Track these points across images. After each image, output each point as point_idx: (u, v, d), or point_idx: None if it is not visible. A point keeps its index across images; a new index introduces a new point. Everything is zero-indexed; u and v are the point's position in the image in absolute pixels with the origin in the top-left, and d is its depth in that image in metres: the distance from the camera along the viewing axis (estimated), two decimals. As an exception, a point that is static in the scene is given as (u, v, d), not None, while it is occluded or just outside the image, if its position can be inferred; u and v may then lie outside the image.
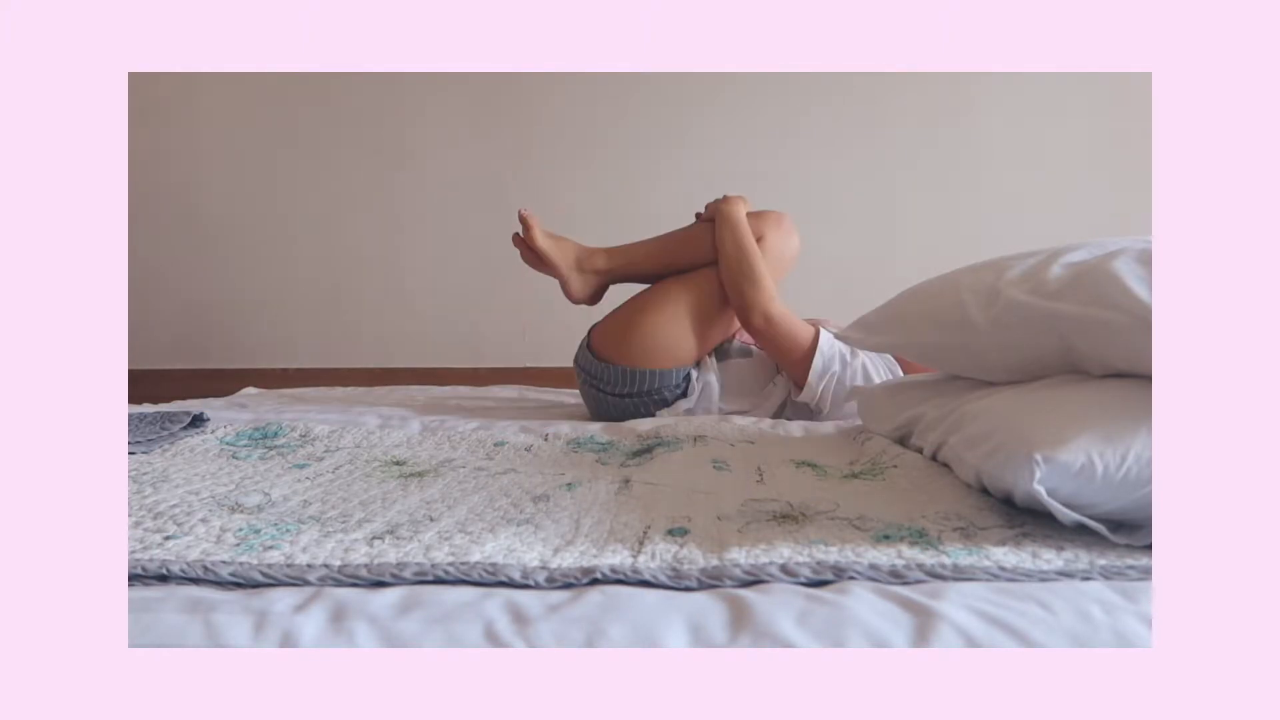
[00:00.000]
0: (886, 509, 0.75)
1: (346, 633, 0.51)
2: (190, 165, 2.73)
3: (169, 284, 2.73)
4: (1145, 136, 2.50)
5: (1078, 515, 0.65)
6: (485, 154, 2.67)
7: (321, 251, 2.72)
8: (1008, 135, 2.59)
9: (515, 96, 2.64)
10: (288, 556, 0.62)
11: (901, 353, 1.05)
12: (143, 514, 0.73)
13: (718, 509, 0.76)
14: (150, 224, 2.70)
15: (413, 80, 2.64)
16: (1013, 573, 0.58)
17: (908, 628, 0.51)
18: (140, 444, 1.08)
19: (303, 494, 0.83)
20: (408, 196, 2.69)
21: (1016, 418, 0.76)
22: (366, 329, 2.71)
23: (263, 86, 2.69)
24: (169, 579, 0.58)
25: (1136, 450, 0.65)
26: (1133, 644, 0.51)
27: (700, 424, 1.28)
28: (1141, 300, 0.72)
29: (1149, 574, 0.58)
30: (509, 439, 1.19)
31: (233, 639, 0.51)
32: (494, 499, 0.81)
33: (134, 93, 2.52)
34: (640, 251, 1.64)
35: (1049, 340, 0.83)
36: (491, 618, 0.53)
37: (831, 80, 2.59)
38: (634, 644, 0.51)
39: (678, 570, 0.59)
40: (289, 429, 1.20)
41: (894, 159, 2.62)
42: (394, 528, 0.70)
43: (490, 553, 0.62)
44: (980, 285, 0.92)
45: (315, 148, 2.70)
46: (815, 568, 0.59)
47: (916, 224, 2.62)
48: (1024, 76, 2.56)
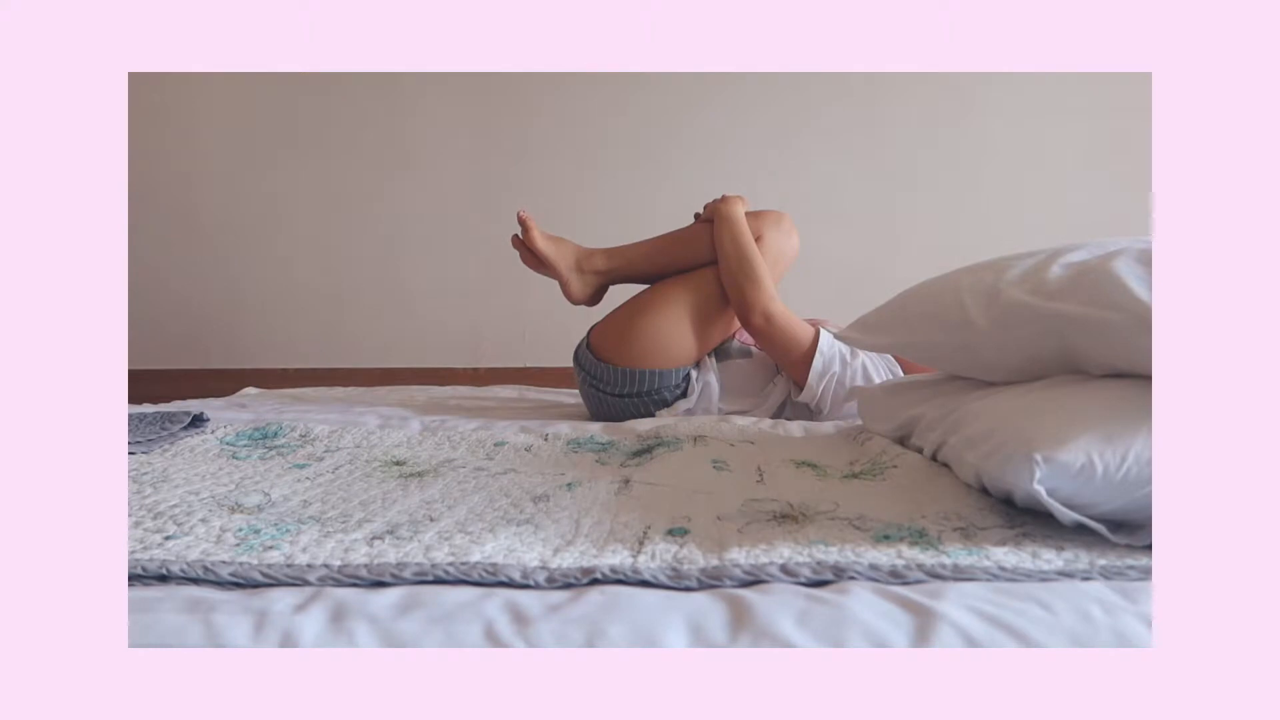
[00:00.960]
0: (886, 509, 0.75)
1: (346, 633, 0.51)
2: (190, 165, 2.73)
3: (169, 284, 2.73)
4: (1145, 136, 2.50)
5: (1078, 515, 0.65)
6: (485, 154, 2.67)
7: (322, 251, 2.72)
8: (1008, 135, 2.59)
9: (515, 96, 2.64)
10: (288, 556, 0.62)
11: (901, 353, 1.05)
12: (143, 514, 0.74)
13: (718, 509, 0.76)
14: (150, 224, 2.70)
15: (413, 80, 2.64)
16: (1013, 573, 0.58)
17: (908, 628, 0.51)
18: (140, 444, 1.08)
19: (303, 494, 0.83)
20: (407, 196, 2.69)
21: (1016, 418, 0.76)
22: (366, 329, 2.71)
23: (263, 86, 2.69)
24: (169, 579, 0.58)
25: (1136, 450, 0.65)
26: (1133, 644, 0.51)
27: (700, 424, 1.28)
28: (1141, 300, 0.72)
29: (1149, 574, 0.58)
30: (509, 439, 1.19)
31: (233, 639, 0.51)
32: (494, 499, 0.81)
33: (134, 93, 2.52)
34: (639, 252, 1.64)
35: (1049, 340, 0.83)
36: (491, 618, 0.53)
37: (831, 81, 2.60)
38: (634, 644, 0.51)
39: (678, 570, 0.59)
40: (289, 429, 1.20)
41: (894, 159, 2.62)
42: (394, 528, 0.70)
43: (490, 553, 0.62)
44: (980, 285, 0.92)
45: (315, 148, 2.70)
46: (815, 568, 0.59)
47: (917, 224, 2.62)
48: (1024, 77, 2.56)
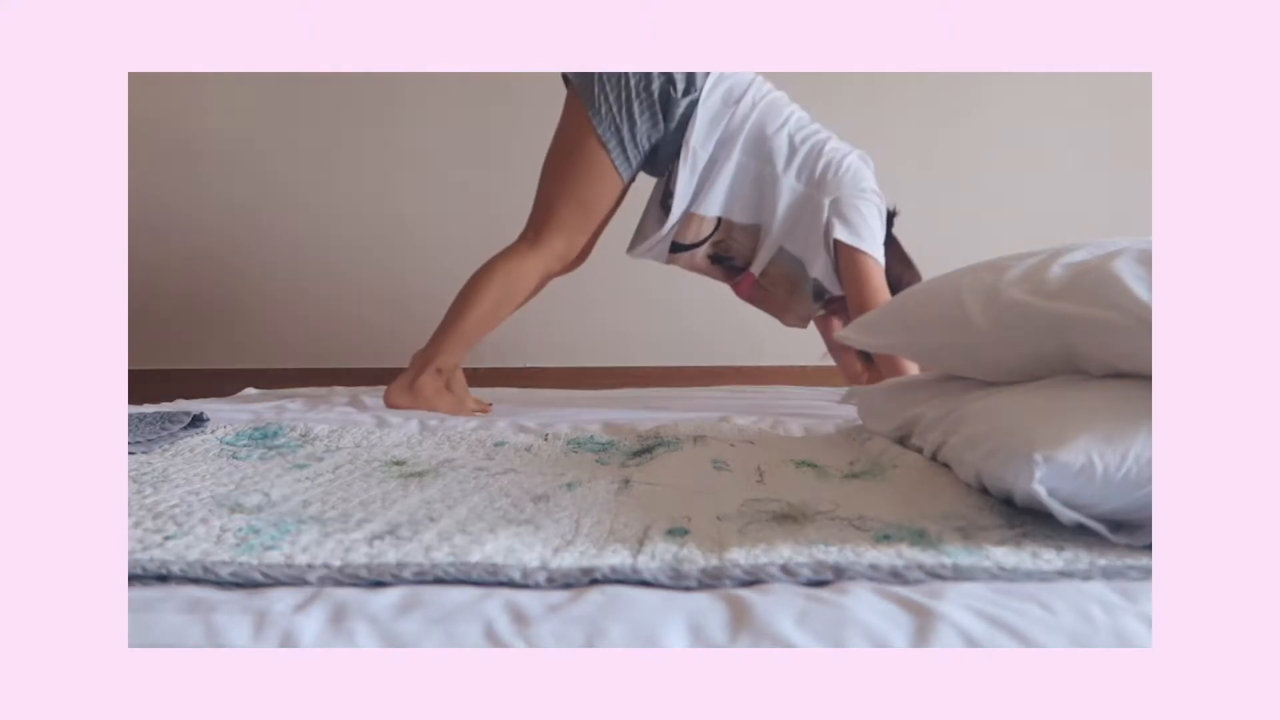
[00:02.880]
0: (886, 509, 0.75)
1: (346, 633, 0.51)
2: (190, 164, 2.73)
3: (169, 284, 2.73)
4: (1145, 137, 2.50)
5: (1078, 515, 0.65)
6: (485, 154, 2.67)
7: (322, 251, 2.72)
8: (1008, 135, 2.59)
9: (515, 96, 2.64)
10: (288, 556, 0.62)
11: (901, 353, 1.05)
12: (143, 514, 0.73)
13: (718, 509, 0.76)
14: (150, 223, 2.70)
15: (413, 80, 2.64)
16: (1013, 573, 0.58)
17: (908, 628, 0.51)
18: (140, 444, 1.08)
19: (303, 494, 0.83)
20: (408, 196, 2.69)
21: (1016, 418, 0.76)
22: (366, 329, 2.71)
23: (263, 86, 2.68)
24: (169, 579, 0.58)
25: (1136, 450, 0.65)
26: (1133, 644, 0.51)
27: (700, 424, 1.28)
28: (1141, 300, 0.72)
29: (1149, 574, 0.58)
30: (509, 439, 1.19)
31: (233, 639, 0.51)
32: (494, 499, 0.81)
33: (134, 93, 2.52)
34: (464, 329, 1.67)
35: (1049, 340, 0.83)
36: (491, 618, 0.53)
37: (831, 81, 2.59)
38: (634, 644, 0.51)
39: (678, 570, 0.59)
40: (289, 429, 1.20)
41: (894, 159, 2.61)
42: (394, 528, 0.69)
43: (490, 553, 0.62)
44: (980, 285, 0.92)
45: (315, 148, 2.70)
46: (815, 568, 0.59)
47: (917, 224, 2.61)
48: (1024, 77, 2.56)
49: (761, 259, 1.75)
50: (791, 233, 1.71)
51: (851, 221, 1.67)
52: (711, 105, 1.64)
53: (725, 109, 1.65)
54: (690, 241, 1.74)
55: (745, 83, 1.68)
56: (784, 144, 1.68)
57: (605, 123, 1.60)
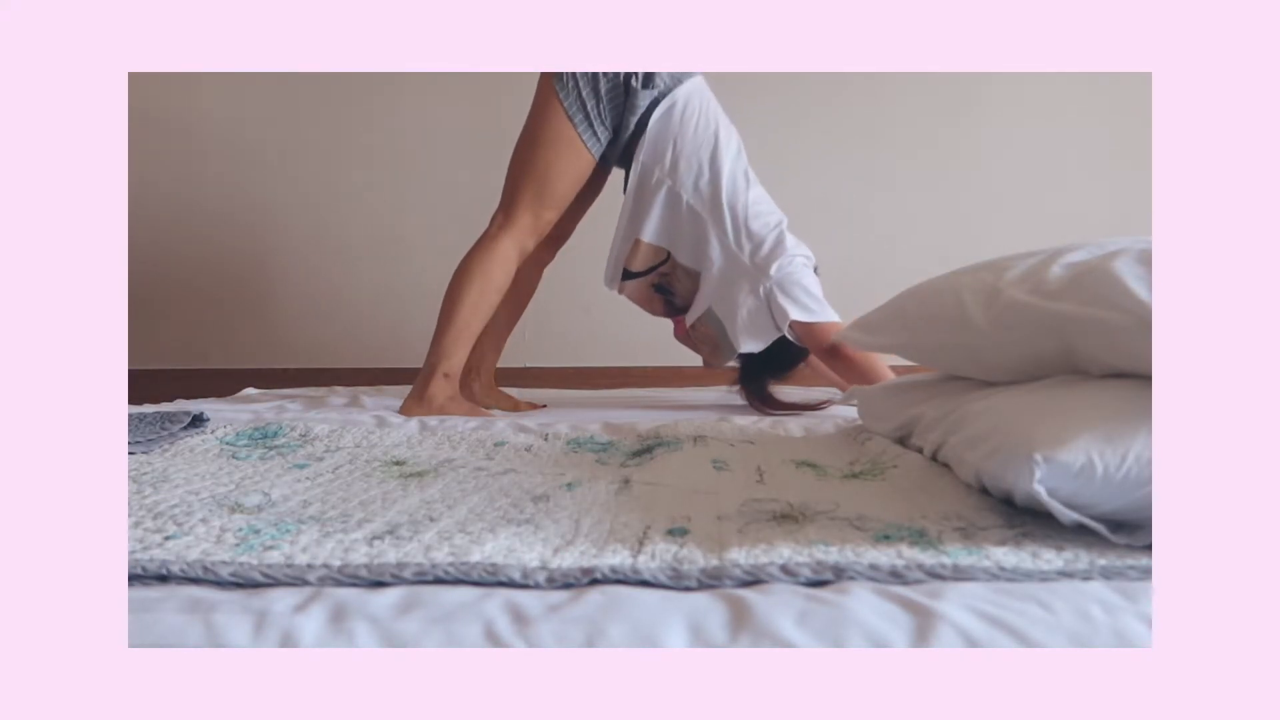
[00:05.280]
0: (886, 509, 0.75)
1: (346, 633, 0.51)
2: (189, 165, 2.73)
3: (169, 284, 2.73)
4: (1145, 137, 2.50)
5: (1078, 515, 0.65)
6: (484, 154, 2.66)
7: (321, 251, 2.72)
8: (1008, 135, 2.59)
9: (515, 97, 2.64)
10: (288, 556, 0.62)
11: (901, 353, 1.05)
12: (143, 514, 0.73)
13: (718, 509, 0.76)
14: (150, 224, 2.70)
15: (413, 80, 2.64)
16: (1013, 573, 0.58)
17: (908, 628, 0.51)
18: (140, 444, 1.08)
19: (303, 494, 0.83)
20: (407, 196, 2.69)
21: (1016, 418, 0.76)
22: (366, 329, 2.71)
23: (263, 86, 2.68)
24: (169, 579, 0.58)
25: (1136, 450, 0.65)
26: (1133, 644, 0.51)
27: (700, 424, 1.28)
28: (1141, 300, 0.72)
29: (1149, 574, 0.58)
30: (508, 439, 1.19)
31: (233, 639, 0.51)
32: (494, 499, 0.81)
33: (134, 93, 2.52)
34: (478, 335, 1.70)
35: (1049, 340, 0.83)
36: (491, 618, 0.53)
37: (831, 81, 2.59)
38: (634, 644, 0.51)
39: (678, 570, 0.59)
40: (289, 429, 1.20)
41: (894, 159, 2.62)
42: (394, 528, 0.70)
43: (490, 553, 0.62)
44: (980, 285, 0.92)
45: (314, 147, 2.70)
46: (815, 568, 0.59)
47: (916, 224, 2.62)
48: (1024, 77, 2.56)
49: (695, 310, 1.76)
50: (723, 298, 1.71)
51: (799, 300, 1.66)
52: (658, 124, 1.66)
53: (669, 131, 1.66)
54: (639, 269, 1.76)
55: (695, 108, 1.68)
56: (725, 199, 1.68)
57: (571, 97, 1.63)
